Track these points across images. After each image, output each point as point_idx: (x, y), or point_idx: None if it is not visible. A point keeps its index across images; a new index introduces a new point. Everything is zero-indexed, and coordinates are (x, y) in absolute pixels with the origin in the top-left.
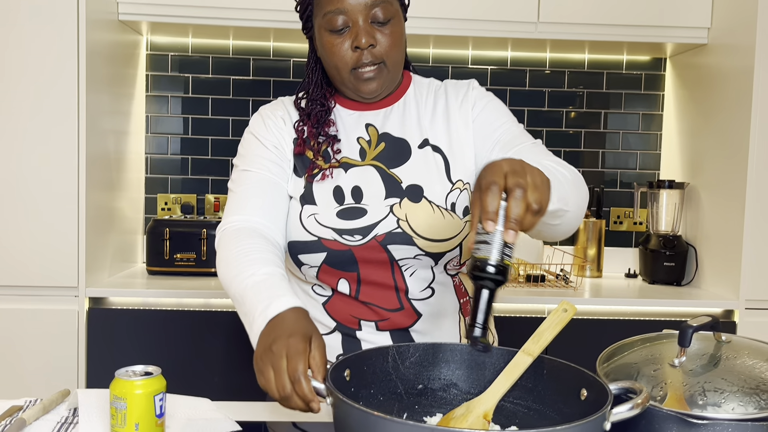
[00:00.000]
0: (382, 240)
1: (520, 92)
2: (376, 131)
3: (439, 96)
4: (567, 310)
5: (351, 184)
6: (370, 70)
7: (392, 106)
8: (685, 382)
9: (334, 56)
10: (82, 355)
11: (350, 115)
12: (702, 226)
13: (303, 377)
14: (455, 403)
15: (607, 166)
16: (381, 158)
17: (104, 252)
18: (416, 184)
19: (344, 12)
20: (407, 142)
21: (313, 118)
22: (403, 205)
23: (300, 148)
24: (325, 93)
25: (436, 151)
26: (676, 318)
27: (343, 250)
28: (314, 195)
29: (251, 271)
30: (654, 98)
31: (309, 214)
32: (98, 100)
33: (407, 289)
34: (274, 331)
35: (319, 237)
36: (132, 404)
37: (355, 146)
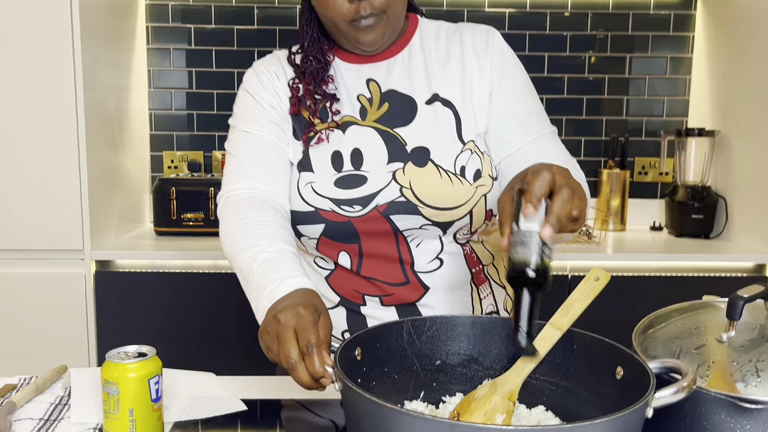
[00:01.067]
0: (384, 210)
1: (540, 36)
2: (378, 88)
3: (453, 41)
4: (599, 278)
5: (350, 147)
6: (370, 21)
7: (395, 57)
8: (734, 360)
9: (329, 8)
10: (91, 319)
11: (349, 69)
12: (733, 175)
13: (316, 350)
14: (476, 380)
15: (632, 114)
16: (384, 119)
17: (109, 213)
18: (422, 146)
19: None
20: (413, 99)
21: (308, 76)
22: (407, 170)
23: (295, 108)
24: (322, 47)
25: (446, 105)
26: (704, 273)
27: (342, 222)
28: (311, 161)
29: (261, 246)
30: (683, 40)
31: (306, 182)
32: (95, 54)
33: (413, 262)
34: (281, 303)
35: (317, 207)
36: (125, 389)
37: (355, 104)
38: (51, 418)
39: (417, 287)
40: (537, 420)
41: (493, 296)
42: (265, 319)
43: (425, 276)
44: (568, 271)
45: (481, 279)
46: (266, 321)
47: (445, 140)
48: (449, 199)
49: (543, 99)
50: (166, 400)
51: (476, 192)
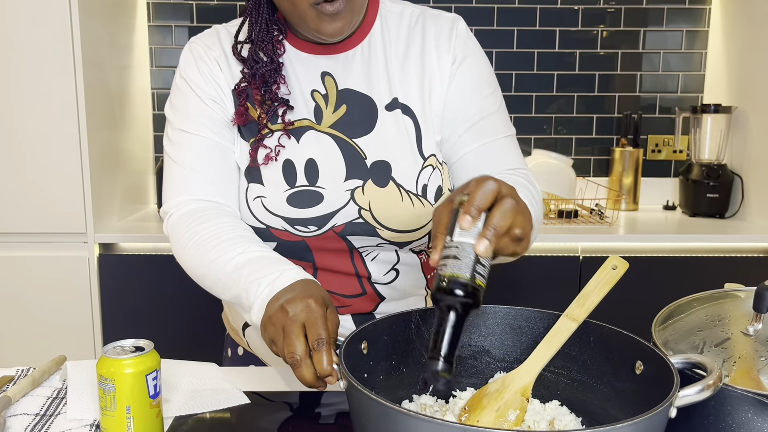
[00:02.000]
0: (341, 231)
1: (551, 10)
2: (334, 84)
3: (414, 34)
4: (617, 267)
5: (304, 157)
6: (336, 4)
7: (354, 49)
8: (761, 355)
9: None
10: (95, 302)
11: (302, 59)
12: (750, 153)
13: (326, 347)
14: (488, 373)
15: (645, 90)
16: (341, 125)
17: (113, 195)
18: (383, 161)
19: None
20: (373, 101)
21: (259, 79)
22: (366, 190)
23: (242, 118)
24: (272, 39)
25: (406, 113)
26: (720, 254)
27: (295, 241)
28: (261, 171)
29: (238, 249)
30: (699, 13)
31: (255, 196)
32: (94, 32)
33: (369, 275)
34: (286, 294)
35: (268, 225)
36: (121, 385)
37: (309, 103)
38: (47, 414)
39: (373, 297)
40: (552, 416)
41: None
42: (270, 310)
43: (381, 287)
44: (580, 252)
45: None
46: (271, 311)
47: (406, 154)
48: (410, 222)
49: (554, 75)
50: (166, 393)
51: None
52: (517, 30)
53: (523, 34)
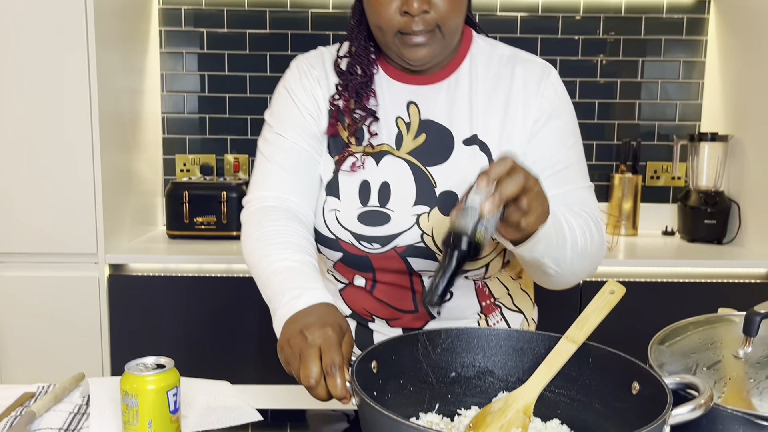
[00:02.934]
0: (402, 252)
1: (552, 40)
2: (418, 114)
3: (502, 75)
4: (614, 291)
5: (380, 180)
6: (421, 37)
7: (441, 83)
8: (751, 377)
9: (379, 16)
10: (105, 323)
11: (392, 85)
12: (747, 181)
13: (339, 372)
14: (491, 392)
15: (644, 118)
16: (418, 152)
17: (123, 216)
18: (451, 191)
19: None
20: (452, 134)
21: (351, 89)
22: (431, 216)
23: (333, 128)
24: (369, 56)
25: (483, 150)
26: (717, 279)
27: (359, 255)
28: (339, 186)
29: (283, 255)
30: (696, 44)
31: (331, 209)
32: (110, 58)
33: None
34: (305, 317)
35: (337, 237)
36: (144, 401)
37: (392, 128)
38: (71, 428)
39: (424, 315)
40: None
41: (506, 322)
42: (288, 332)
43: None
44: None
45: (491, 308)
46: (290, 334)
47: None
48: None
49: None
50: (182, 410)
51: (497, 247)
52: None
53: None
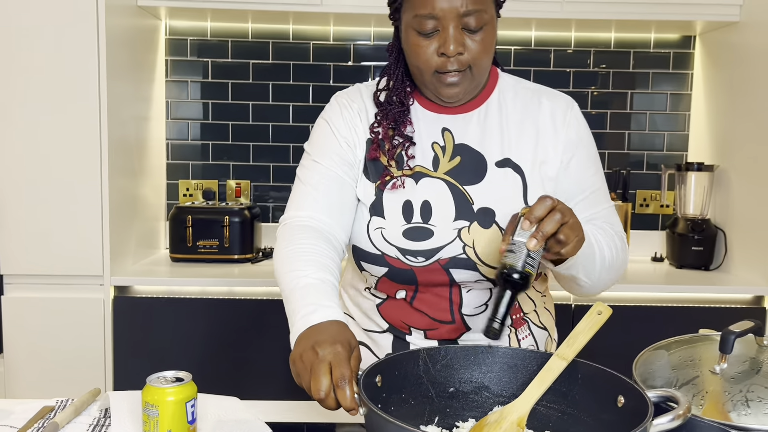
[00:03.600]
0: (445, 264)
1: (544, 72)
2: (452, 139)
3: (530, 107)
4: (601, 312)
5: (421, 198)
6: (455, 76)
7: (472, 112)
8: (726, 390)
9: (418, 58)
10: (108, 344)
11: (427, 115)
12: (732, 209)
13: (348, 385)
14: (487, 407)
15: (633, 148)
16: (454, 173)
17: (128, 239)
18: (488, 208)
19: (435, 17)
20: (484, 157)
21: (390, 118)
22: (471, 230)
23: (374, 153)
24: (405, 88)
25: (516, 171)
26: (704, 304)
27: (404, 269)
28: (384, 206)
29: (306, 272)
30: (682, 77)
31: (376, 227)
32: (119, 87)
33: (461, 305)
34: (318, 334)
35: (384, 253)
36: (164, 411)
37: (429, 153)
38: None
39: (460, 327)
40: None
41: (533, 337)
42: (301, 347)
43: (470, 318)
44: (572, 300)
45: (520, 322)
46: (302, 349)
47: (510, 204)
48: None
49: None
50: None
51: None
52: None
53: None
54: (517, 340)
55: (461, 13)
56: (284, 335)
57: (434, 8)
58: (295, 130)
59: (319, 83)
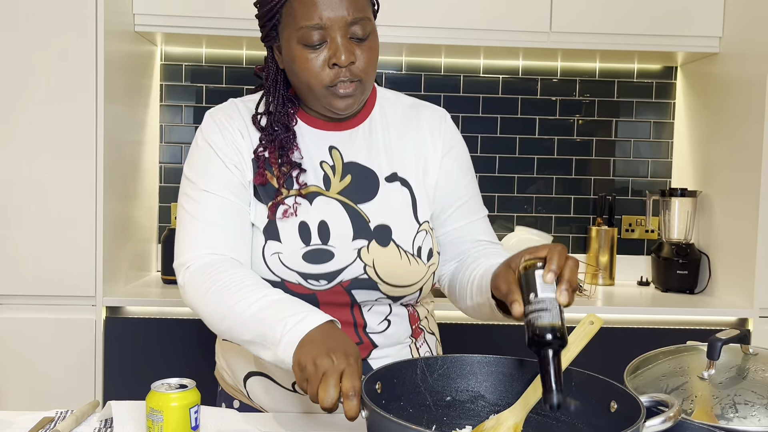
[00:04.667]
0: (348, 285)
1: (531, 100)
2: (340, 157)
3: (409, 120)
4: (593, 322)
5: (317, 219)
6: (348, 87)
7: (357, 128)
8: (714, 395)
9: (308, 72)
10: (99, 365)
11: (312, 133)
12: (715, 234)
13: (356, 397)
14: (483, 415)
15: (618, 174)
16: (347, 192)
17: (120, 261)
18: (384, 224)
19: (322, 27)
20: (375, 173)
21: (276, 144)
22: (371, 249)
23: (261, 178)
24: (288, 111)
25: (404, 185)
26: (690, 326)
27: (306, 294)
28: (279, 230)
29: (260, 293)
30: (665, 106)
31: (273, 252)
32: (115, 111)
33: (365, 324)
34: (329, 340)
35: (283, 279)
36: (168, 417)
37: (318, 172)
38: None
39: (368, 345)
40: None
41: (427, 344)
42: (313, 351)
43: (375, 336)
44: None
45: (418, 331)
46: (315, 354)
47: (404, 220)
48: (406, 278)
49: (534, 159)
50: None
51: (428, 270)
52: (500, 117)
53: (505, 121)
54: (416, 349)
55: (348, 21)
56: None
57: (321, 18)
58: None
59: None
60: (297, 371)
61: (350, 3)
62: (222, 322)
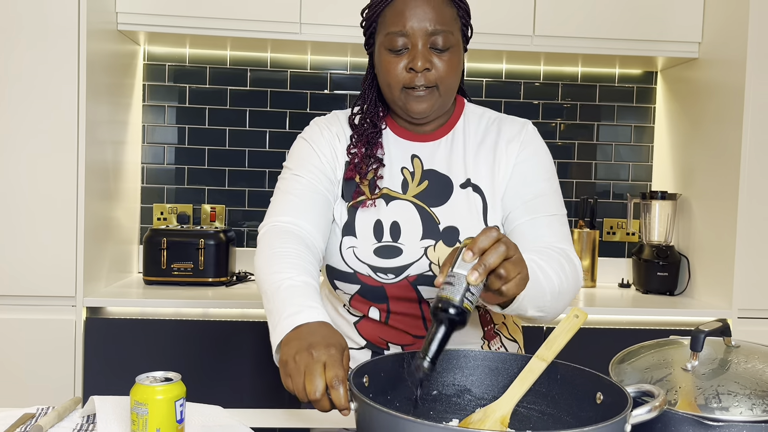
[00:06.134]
0: (414, 281)
1: (514, 104)
2: (420, 165)
3: (489, 131)
4: (578, 316)
5: (390, 219)
6: (422, 92)
7: (440, 140)
8: (698, 386)
9: (389, 74)
10: (79, 365)
11: (398, 141)
12: (694, 236)
13: (342, 385)
14: (469, 409)
15: (599, 177)
16: (422, 195)
17: (101, 262)
18: (453, 226)
19: (406, 34)
20: (450, 180)
21: (364, 139)
22: (437, 248)
23: (352, 172)
24: (378, 112)
25: (476, 191)
26: (670, 327)
27: (375, 286)
28: (355, 226)
29: (290, 273)
30: (645, 111)
31: (348, 246)
32: (97, 110)
33: (426, 322)
34: (310, 336)
35: (356, 270)
36: (153, 410)
37: (398, 176)
38: None
39: None
40: None
41: (505, 349)
42: (293, 348)
43: None
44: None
45: (492, 335)
46: (295, 351)
47: (473, 223)
48: None
49: None
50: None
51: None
52: None
53: None
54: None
55: (429, 31)
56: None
57: (405, 26)
58: (272, 155)
59: (296, 110)
60: (281, 370)
61: (435, 16)
62: (261, 283)
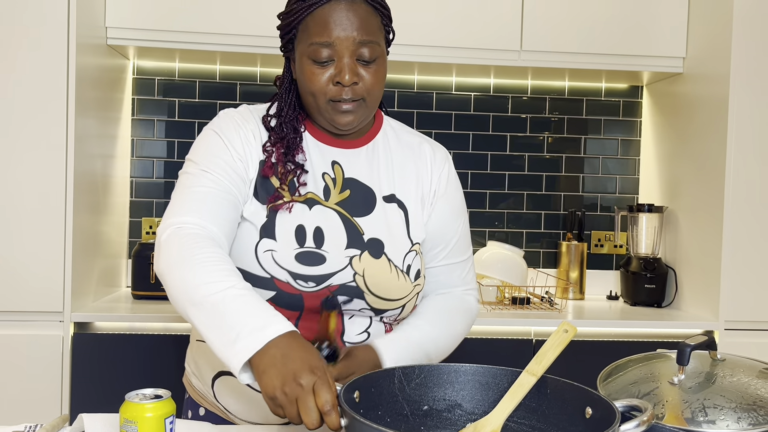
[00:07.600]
0: (335, 291)
1: (502, 118)
2: (341, 172)
3: (412, 150)
4: (568, 330)
5: (313, 225)
6: (349, 105)
7: (360, 149)
8: (685, 399)
9: (313, 86)
10: (66, 381)
11: (317, 146)
12: (681, 248)
13: (333, 410)
14: (459, 424)
15: (587, 190)
16: (345, 204)
17: (89, 276)
18: (377, 239)
19: (331, 46)
20: (373, 192)
21: (282, 143)
22: (363, 258)
23: (270, 171)
24: (297, 116)
25: (401, 207)
26: (658, 339)
27: (293, 294)
28: (275, 229)
29: (230, 282)
30: (632, 124)
31: (266, 249)
32: (86, 124)
33: (343, 332)
34: (289, 362)
35: (273, 276)
36: (143, 427)
37: (320, 182)
38: None
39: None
40: None
41: None
42: (279, 379)
43: (351, 346)
44: (533, 335)
45: None
46: (281, 381)
47: (398, 238)
48: (393, 292)
49: (505, 175)
50: None
51: (413, 289)
52: (473, 134)
53: (477, 138)
54: None
55: (356, 43)
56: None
57: (330, 36)
58: None
59: None
60: (268, 401)
61: (361, 26)
62: (184, 294)
